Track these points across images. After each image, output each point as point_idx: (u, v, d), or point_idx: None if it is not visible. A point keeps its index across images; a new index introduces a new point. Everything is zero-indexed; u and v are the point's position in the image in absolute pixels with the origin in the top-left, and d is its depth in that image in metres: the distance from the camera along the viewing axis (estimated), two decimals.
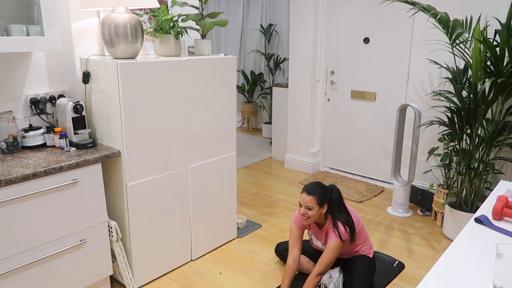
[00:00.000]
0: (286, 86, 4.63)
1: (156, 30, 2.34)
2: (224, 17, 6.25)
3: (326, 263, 2.18)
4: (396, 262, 2.65)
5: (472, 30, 2.76)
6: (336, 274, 2.31)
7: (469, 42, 2.76)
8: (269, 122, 5.85)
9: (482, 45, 2.53)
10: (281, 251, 2.63)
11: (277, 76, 5.97)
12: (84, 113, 2.22)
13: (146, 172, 2.28)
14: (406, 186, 3.32)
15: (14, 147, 2.07)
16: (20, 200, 1.81)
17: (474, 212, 2.62)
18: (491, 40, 2.75)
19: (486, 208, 1.61)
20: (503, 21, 2.93)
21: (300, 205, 2.21)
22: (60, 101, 2.23)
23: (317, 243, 2.39)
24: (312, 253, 2.50)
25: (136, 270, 2.36)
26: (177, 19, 2.38)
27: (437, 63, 3.11)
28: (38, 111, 2.30)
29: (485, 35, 2.56)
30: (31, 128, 2.17)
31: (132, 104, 2.12)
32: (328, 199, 2.22)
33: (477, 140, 2.81)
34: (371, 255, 2.35)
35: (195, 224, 2.65)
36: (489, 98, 2.66)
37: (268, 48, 5.95)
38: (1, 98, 2.16)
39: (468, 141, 2.90)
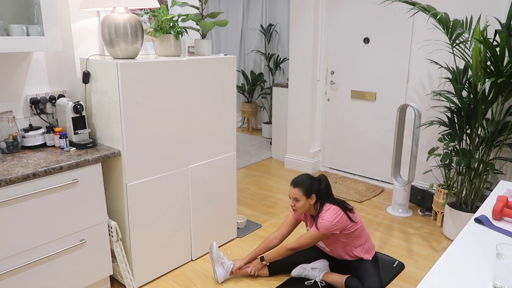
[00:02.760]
0: (286, 86, 4.63)
1: (156, 30, 2.34)
2: (224, 17, 6.25)
3: (301, 243, 2.29)
4: (396, 262, 2.65)
5: (472, 30, 2.76)
6: (319, 265, 2.40)
7: (469, 42, 2.76)
8: (269, 122, 5.85)
9: (482, 45, 2.53)
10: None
11: (277, 76, 5.97)
12: (84, 113, 2.22)
13: (146, 172, 2.28)
14: (406, 186, 3.32)
15: (14, 147, 2.07)
16: (20, 200, 1.81)
17: (474, 212, 2.62)
18: (491, 40, 2.75)
19: (486, 208, 1.61)
20: (503, 21, 2.93)
21: (290, 197, 2.30)
22: (60, 101, 2.23)
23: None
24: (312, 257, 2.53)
25: (136, 270, 2.36)
26: (177, 19, 2.38)
27: (437, 63, 3.11)
28: (38, 111, 2.30)
29: (485, 35, 2.56)
30: (31, 128, 2.17)
31: (132, 104, 2.12)
32: (316, 189, 2.26)
33: (477, 140, 2.81)
34: (369, 258, 2.34)
35: (195, 224, 2.65)
36: (489, 98, 2.66)
37: (268, 48, 5.95)
38: (1, 98, 2.16)
39: (468, 141, 2.90)
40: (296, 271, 2.44)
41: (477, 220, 1.52)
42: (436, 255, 2.76)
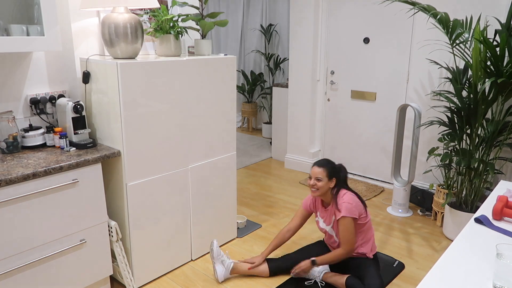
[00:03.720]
0: (286, 86, 4.63)
1: (156, 30, 2.34)
2: (224, 17, 6.24)
3: (346, 239, 2.26)
4: (396, 262, 2.65)
5: (472, 30, 2.76)
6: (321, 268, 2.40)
7: (469, 42, 2.76)
8: (269, 122, 5.85)
9: (482, 45, 2.53)
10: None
11: (277, 76, 5.97)
12: (84, 113, 2.22)
13: (146, 172, 2.28)
14: (406, 186, 3.32)
15: (14, 147, 2.07)
16: (20, 200, 1.81)
17: (474, 212, 2.62)
18: (491, 40, 2.75)
19: (486, 208, 1.61)
20: (503, 21, 2.93)
21: (310, 178, 2.33)
22: (60, 101, 2.23)
23: (323, 225, 2.43)
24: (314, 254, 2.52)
25: (136, 270, 2.36)
26: (177, 19, 2.38)
27: (437, 63, 3.11)
28: (38, 111, 2.30)
29: (485, 35, 2.56)
30: (31, 128, 2.17)
31: (132, 104, 2.12)
32: (337, 174, 2.33)
33: (477, 140, 2.81)
34: (371, 256, 2.36)
35: (195, 224, 2.65)
36: (489, 98, 2.66)
37: (268, 48, 5.95)
38: (1, 98, 2.16)
39: (468, 141, 2.90)
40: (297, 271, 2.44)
41: (477, 220, 1.52)
42: (436, 255, 2.76)
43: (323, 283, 2.39)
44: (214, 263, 2.45)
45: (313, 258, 2.36)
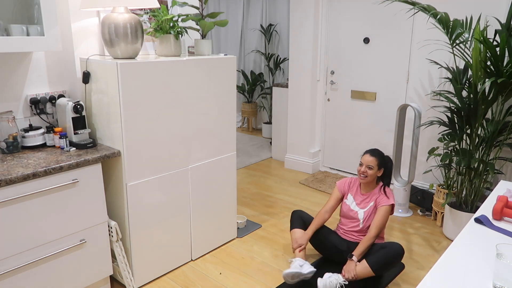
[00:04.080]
0: (286, 86, 4.63)
1: (156, 30, 2.34)
2: (224, 17, 6.24)
3: (380, 225, 2.36)
4: None
5: (472, 30, 2.76)
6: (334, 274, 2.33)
7: (469, 42, 2.76)
8: (269, 122, 5.85)
9: (482, 45, 2.53)
10: (296, 218, 2.67)
11: (277, 76, 5.97)
12: (84, 113, 2.22)
13: (146, 172, 2.28)
14: (406, 186, 3.32)
15: (14, 147, 2.07)
16: (20, 200, 1.81)
17: (474, 212, 2.62)
18: (491, 40, 2.75)
19: (486, 208, 1.61)
20: (503, 21, 2.93)
21: (361, 165, 2.44)
22: (60, 101, 2.23)
23: (354, 207, 2.50)
24: (331, 247, 2.56)
25: (136, 270, 2.36)
26: (177, 19, 2.38)
27: (437, 63, 3.11)
28: (38, 111, 2.30)
29: (485, 35, 2.56)
30: (31, 128, 2.17)
31: (132, 104, 2.12)
32: (385, 165, 2.45)
33: (477, 140, 2.81)
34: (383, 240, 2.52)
35: (195, 224, 2.65)
36: (489, 98, 2.66)
37: (268, 48, 5.95)
38: (1, 98, 2.16)
39: (468, 141, 2.90)
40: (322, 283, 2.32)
41: (477, 220, 1.52)
42: (436, 255, 2.76)
43: (346, 282, 2.30)
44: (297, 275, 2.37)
45: (352, 256, 2.32)
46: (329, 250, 2.56)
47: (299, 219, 2.63)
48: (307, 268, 2.37)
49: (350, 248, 2.45)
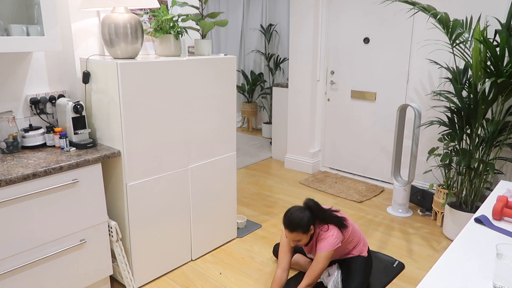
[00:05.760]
0: (286, 86, 4.63)
1: (156, 30, 2.34)
2: (224, 17, 6.24)
3: (315, 274, 2.13)
4: (396, 262, 2.65)
5: (472, 30, 2.76)
6: (334, 272, 2.31)
7: (469, 42, 2.76)
8: (269, 122, 5.85)
9: (482, 45, 2.53)
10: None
11: (277, 76, 5.97)
12: (84, 113, 2.22)
13: (146, 172, 2.28)
14: (406, 186, 3.32)
15: (14, 147, 2.07)
16: (20, 200, 1.81)
17: (474, 212, 2.62)
18: (491, 40, 2.75)
19: (486, 208, 1.61)
20: (503, 21, 2.93)
21: (287, 236, 2.18)
22: (60, 101, 2.23)
23: (309, 255, 2.41)
24: None
25: (136, 270, 2.36)
26: (177, 19, 2.38)
27: (437, 63, 3.11)
28: (38, 111, 2.30)
29: (485, 35, 2.56)
30: (31, 128, 2.17)
31: (132, 104, 2.12)
32: (311, 222, 2.14)
33: (477, 140, 2.81)
34: (365, 254, 2.35)
35: (195, 224, 2.65)
36: (489, 98, 2.66)
37: (268, 48, 5.95)
38: (1, 98, 2.16)
39: (468, 141, 2.90)
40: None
41: (477, 220, 1.52)
42: (436, 255, 2.76)
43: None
44: None
45: None
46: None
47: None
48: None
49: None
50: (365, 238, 2.42)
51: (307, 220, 2.12)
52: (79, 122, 2.21)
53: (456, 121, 2.93)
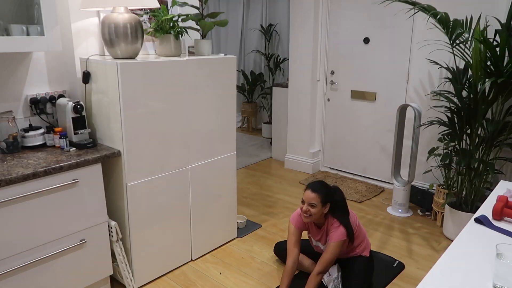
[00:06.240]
0: (286, 86, 4.62)
1: (156, 30, 2.34)
2: (224, 17, 6.24)
3: (327, 262, 2.17)
4: (396, 262, 2.65)
5: (472, 30, 2.76)
6: (335, 273, 2.31)
7: (469, 42, 2.76)
8: (269, 122, 5.85)
9: (482, 45, 2.53)
10: (280, 250, 2.63)
11: (277, 76, 5.97)
12: (84, 113, 2.22)
13: (146, 172, 2.28)
14: (406, 186, 3.32)
15: (14, 147, 2.07)
16: (20, 200, 1.81)
17: (474, 212, 2.62)
18: (491, 40, 2.75)
19: (486, 208, 1.61)
20: (503, 21, 2.93)
21: (303, 202, 2.20)
22: (60, 101, 2.23)
23: (317, 244, 2.39)
24: (313, 251, 2.50)
25: (136, 270, 2.36)
26: (177, 19, 2.38)
27: (437, 63, 3.11)
28: (38, 111, 2.30)
29: (485, 35, 2.56)
30: (31, 128, 2.17)
31: (132, 104, 2.12)
32: (330, 199, 2.21)
33: (477, 140, 2.81)
34: (367, 254, 2.35)
35: (195, 224, 2.65)
36: (489, 98, 2.66)
37: (268, 48, 5.95)
38: (1, 98, 2.16)
39: (468, 141, 2.90)
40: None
41: (477, 220, 1.52)
42: (436, 255, 2.76)
43: None
44: None
45: None
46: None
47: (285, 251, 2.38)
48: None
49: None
50: (368, 239, 2.43)
51: (327, 192, 2.19)
52: (79, 122, 2.21)
53: (456, 121, 2.93)
